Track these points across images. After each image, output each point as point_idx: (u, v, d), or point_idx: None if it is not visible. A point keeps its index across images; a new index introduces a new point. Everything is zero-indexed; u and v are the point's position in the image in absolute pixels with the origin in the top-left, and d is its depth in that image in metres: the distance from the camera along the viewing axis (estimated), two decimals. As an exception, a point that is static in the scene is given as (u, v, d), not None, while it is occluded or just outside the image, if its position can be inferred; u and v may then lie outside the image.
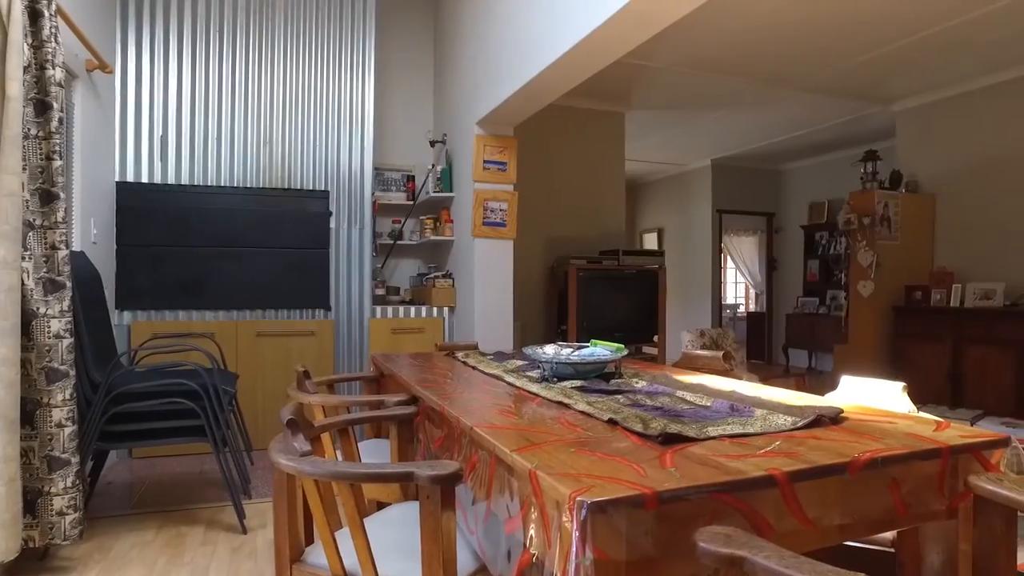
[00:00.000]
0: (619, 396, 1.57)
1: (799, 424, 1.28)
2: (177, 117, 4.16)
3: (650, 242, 9.89)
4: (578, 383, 1.79)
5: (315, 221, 4.43)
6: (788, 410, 1.41)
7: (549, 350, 1.94)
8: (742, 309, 12.86)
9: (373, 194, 4.74)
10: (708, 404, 1.50)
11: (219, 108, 4.25)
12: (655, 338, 5.61)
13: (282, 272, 4.33)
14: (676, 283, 9.28)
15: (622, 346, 1.95)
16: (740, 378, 2.45)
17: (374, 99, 4.64)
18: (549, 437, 1.23)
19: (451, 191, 4.72)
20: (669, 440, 1.16)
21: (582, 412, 1.44)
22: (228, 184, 4.27)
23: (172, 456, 3.99)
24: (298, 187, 4.45)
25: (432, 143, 5.03)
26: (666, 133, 7.32)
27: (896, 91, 5.80)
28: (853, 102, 6.04)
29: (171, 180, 4.14)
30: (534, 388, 1.75)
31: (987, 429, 3.01)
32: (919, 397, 5.21)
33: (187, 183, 4.17)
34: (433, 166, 4.89)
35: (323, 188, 4.50)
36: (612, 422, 1.32)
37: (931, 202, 5.81)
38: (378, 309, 4.58)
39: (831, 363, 6.66)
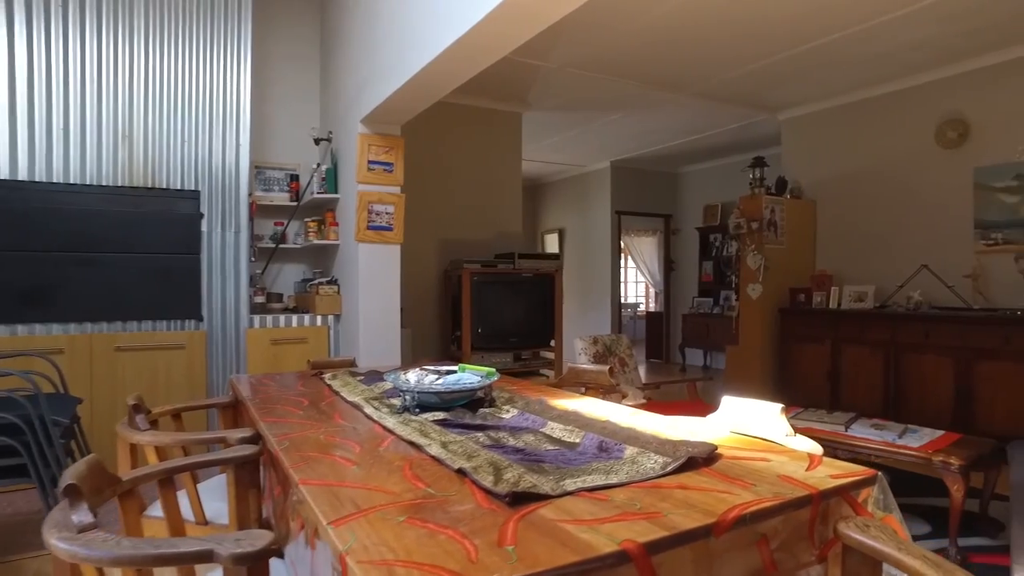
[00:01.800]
0: (480, 434, 1.41)
1: (669, 468, 1.16)
2: (10, 103, 3.64)
3: (551, 243, 9.90)
4: (441, 415, 1.62)
5: (184, 223, 4.03)
6: (661, 447, 1.29)
7: (412, 377, 1.75)
8: (643, 308, 13.17)
9: (251, 194, 4.38)
10: (576, 442, 1.37)
11: (65, 95, 3.75)
12: (552, 342, 5.54)
13: (146, 279, 3.91)
14: (577, 283, 9.32)
15: (493, 370, 1.80)
16: (625, 395, 2.37)
17: (251, 91, 4.27)
18: (383, 498, 1.05)
19: (336, 192, 4.44)
20: (518, 500, 1.01)
21: (433, 457, 1.26)
22: (80, 182, 3.80)
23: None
24: (164, 186, 4.03)
25: (317, 141, 4.72)
26: (565, 134, 7.29)
27: (781, 101, 6.00)
28: (743, 109, 6.21)
29: (5, 175, 3.63)
30: (390, 422, 1.56)
31: (858, 434, 3.09)
32: (803, 397, 5.41)
33: (26, 179, 3.67)
34: (318, 165, 4.59)
35: (193, 187, 4.10)
36: (462, 472, 1.15)
37: (812, 207, 6.06)
38: (256, 318, 4.24)
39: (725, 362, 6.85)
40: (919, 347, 4.69)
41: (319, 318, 4.39)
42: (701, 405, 3.81)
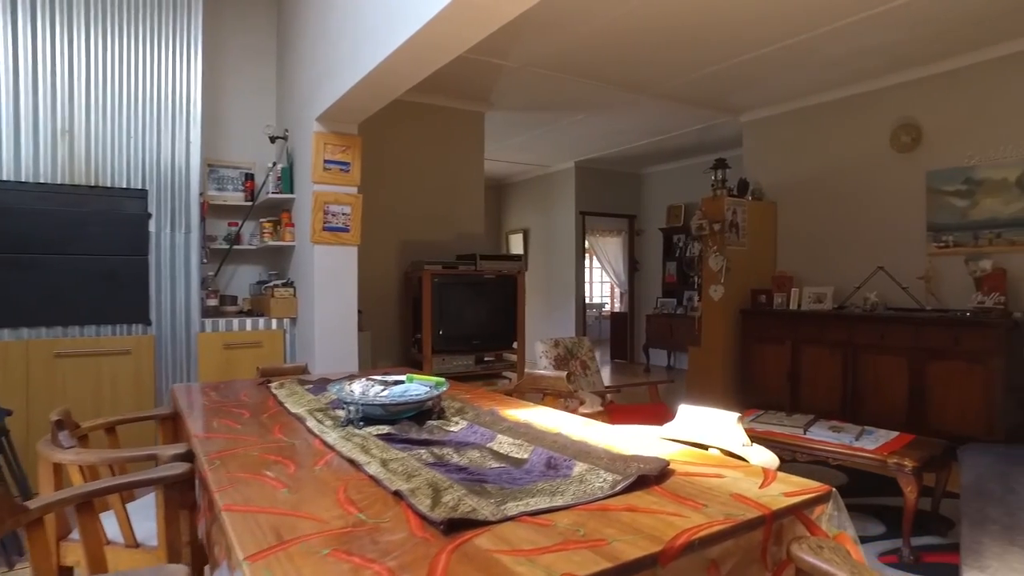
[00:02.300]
0: (423, 451, 1.34)
1: (618, 488, 1.11)
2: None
3: (516, 243, 9.85)
4: (387, 428, 1.54)
5: (130, 223, 3.86)
6: (611, 463, 1.24)
7: (357, 388, 1.67)
8: (608, 308, 13.21)
9: (202, 194, 4.23)
10: (524, 458, 1.31)
11: (-2, 88, 3.56)
12: (515, 344, 5.49)
13: (89, 282, 3.73)
14: (541, 284, 9.29)
15: (442, 380, 1.73)
16: (583, 401, 2.32)
17: (203, 85, 4.11)
18: (310, 526, 0.97)
19: (292, 192, 4.32)
20: (454, 528, 0.94)
21: (371, 477, 1.19)
22: (13, 179, 3.61)
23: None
24: (108, 184, 3.85)
25: (272, 139, 4.58)
26: (529, 134, 7.25)
27: (742, 103, 6.04)
28: (705, 111, 6.24)
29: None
30: (332, 437, 1.48)
31: (817, 436, 3.09)
32: (764, 397, 5.45)
33: (-46, 176, 3.47)
34: (274, 164, 4.45)
35: (140, 186, 3.93)
36: (399, 495, 1.08)
37: (773, 209, 6.11)
38: (209, 322, 4.09)
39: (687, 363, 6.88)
40: (875, 348, 4.76)
41: (274, 321, 4.26)
42: (663, 408, 3.79)
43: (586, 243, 9.83)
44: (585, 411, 2.13)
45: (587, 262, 11.45)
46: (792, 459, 3.11)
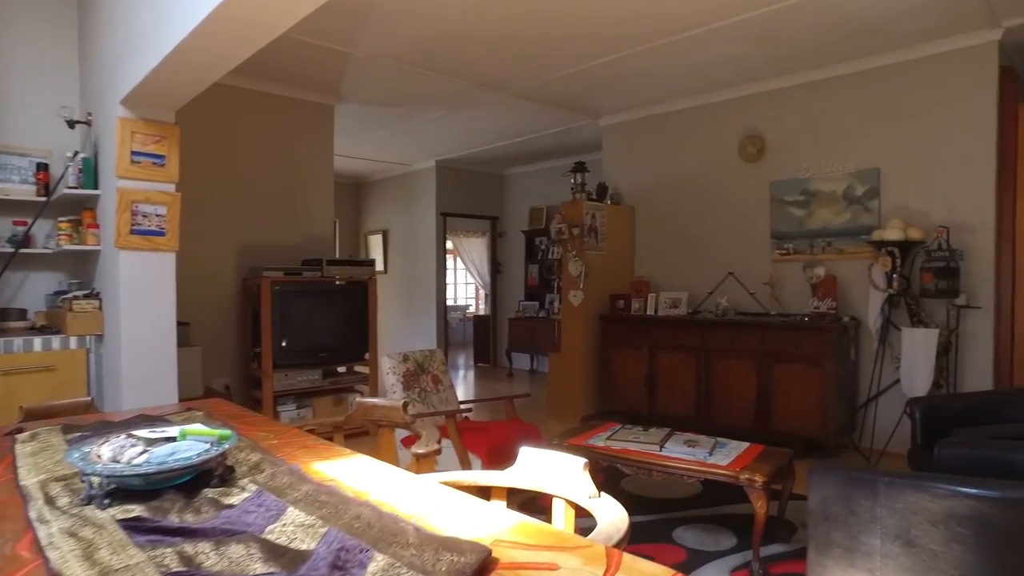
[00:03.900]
0: (168, 550, 1.00)
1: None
2: None
3: (375, 244, 9.39)
4: (139, 507, 1.17)
5: None
6: (419, 554, 0.96)
7: (107, 451, 1.28)
8: (472, 309, 13.03)
9: (-27, 185, 3.50)
10: (309, 549, 1.00)
11: None
12: (367, 355, 5.11)
13: None
14: (402, 287, 8.92)
15: (228, 433, 1.38)
16: (419, 435, 2.04)
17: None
18: None
19: (96, 188, 3.68)
20: None
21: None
22: None
23: None
24: None
25: (71, 124, 3.89)
26: (386, 130, 6.85)
27: (602, 106, 6.03)
28: (565, 113, 6.17)
29: None
30: (53, 529, 1.09)
31: (672, 453, 2.99)
32: (623, 403, 5.45)
33: None
34: (75, 154, 3.77)
35: None
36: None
37: (631, 214, 6.16)
38: (-17, 342, 3.38)
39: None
40: (727, 352, 4.87)
41: (74, 340, 3.61)
42: (518, 425, 3.60)
43: (450, 244, 9.58)
44: (419, 451, 1.85)
45: (451, 263, 11.22)
46: (647, 476, 3.03)
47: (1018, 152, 4.25)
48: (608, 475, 3.78)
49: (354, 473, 1.43)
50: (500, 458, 3.23)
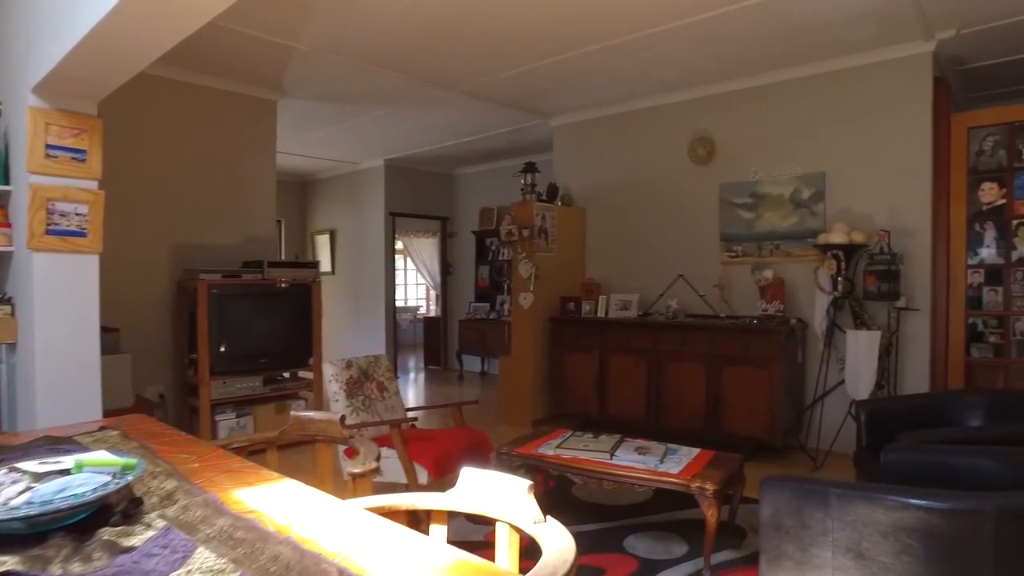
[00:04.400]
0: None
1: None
2: None
3: (322, 244, 9.13)
4: (15, 558, 1.03)
5: None
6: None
7: (-13, 488, 1.13)
8: (423, 310, 12.85)
9: None
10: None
11: None
12: (311, 361, 4.92)
13: None
14: (349, 288, 8.70)
15: (133, 462, 1.23)
16: (358, 450, 1.92)
17: None
18: None
19: (7, 184, 3.41)
20: None
21: None
22: None
23: None
24: None
25: (-20, 112, 3.60)
26: (333, 127, 6.64)
27: (552, 106, 5.97)
28: (516, 112, 6.08)
29: None
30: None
31: (623, 461, 2.91)
32: (574, 406, 5.40)
33: None
34: (-15, 145, 3.49)
35: None
36: None
37: (582, 215, 6.12)
38: None
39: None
40: (677, 355, 4.87)
41: (-19, 348, 3.34)
42: (465, 433, 3.50)
43: (400, 244, 9.39)
44: (355, 471, 1.73)
45: (401, 263, 11.02)
46: (598, 486, 2.97)
47: (951, 160, 4.37)
48: (558, 482, 3.72)
49: (279, 501, 1.31)
50: (447, 469, 3.13)
